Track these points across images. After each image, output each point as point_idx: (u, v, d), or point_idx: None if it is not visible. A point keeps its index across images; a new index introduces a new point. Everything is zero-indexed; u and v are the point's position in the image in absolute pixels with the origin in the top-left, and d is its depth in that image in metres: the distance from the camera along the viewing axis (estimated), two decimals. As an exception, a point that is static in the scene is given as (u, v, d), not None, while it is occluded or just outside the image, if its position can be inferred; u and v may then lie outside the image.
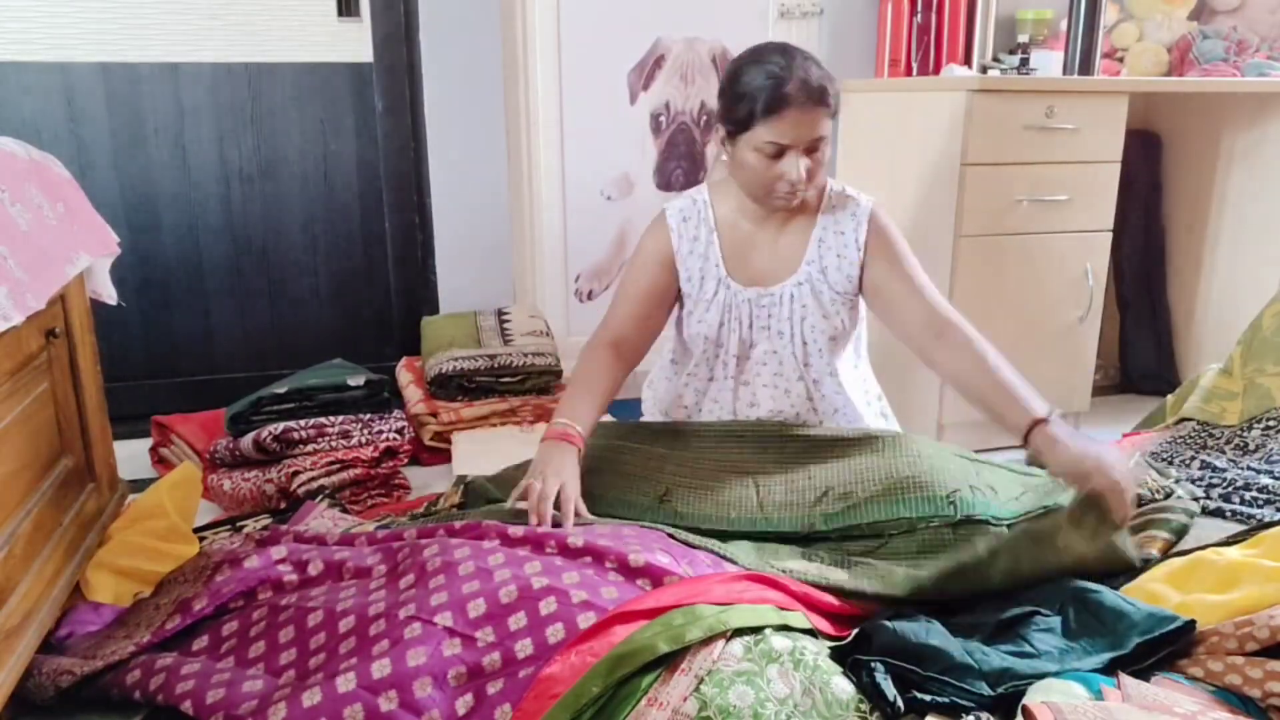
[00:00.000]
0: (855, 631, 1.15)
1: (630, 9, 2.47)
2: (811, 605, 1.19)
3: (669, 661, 1.02)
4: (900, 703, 1.01)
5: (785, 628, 1.11)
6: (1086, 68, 2.32)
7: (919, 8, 2.45)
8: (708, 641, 1.04)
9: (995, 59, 2.52)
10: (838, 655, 1.11)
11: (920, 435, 1.59)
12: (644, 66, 2.51)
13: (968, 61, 2.48)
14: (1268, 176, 2.39)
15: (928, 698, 1.02)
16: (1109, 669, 1.07)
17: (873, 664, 1.06)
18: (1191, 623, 1.12)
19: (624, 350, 1.63)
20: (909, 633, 1.10)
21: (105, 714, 1.11)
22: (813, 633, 1.14)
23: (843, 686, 1.02)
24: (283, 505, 1.76)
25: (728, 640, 1.05)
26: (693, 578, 1.19)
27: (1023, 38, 2.51)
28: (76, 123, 2.19)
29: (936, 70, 2.47)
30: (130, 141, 2.23)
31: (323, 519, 1.62)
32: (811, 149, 1.47)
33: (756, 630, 1.08)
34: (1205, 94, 2.45)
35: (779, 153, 1.47)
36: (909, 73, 2.49)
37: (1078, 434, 1.36)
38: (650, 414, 1.77)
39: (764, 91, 1.44)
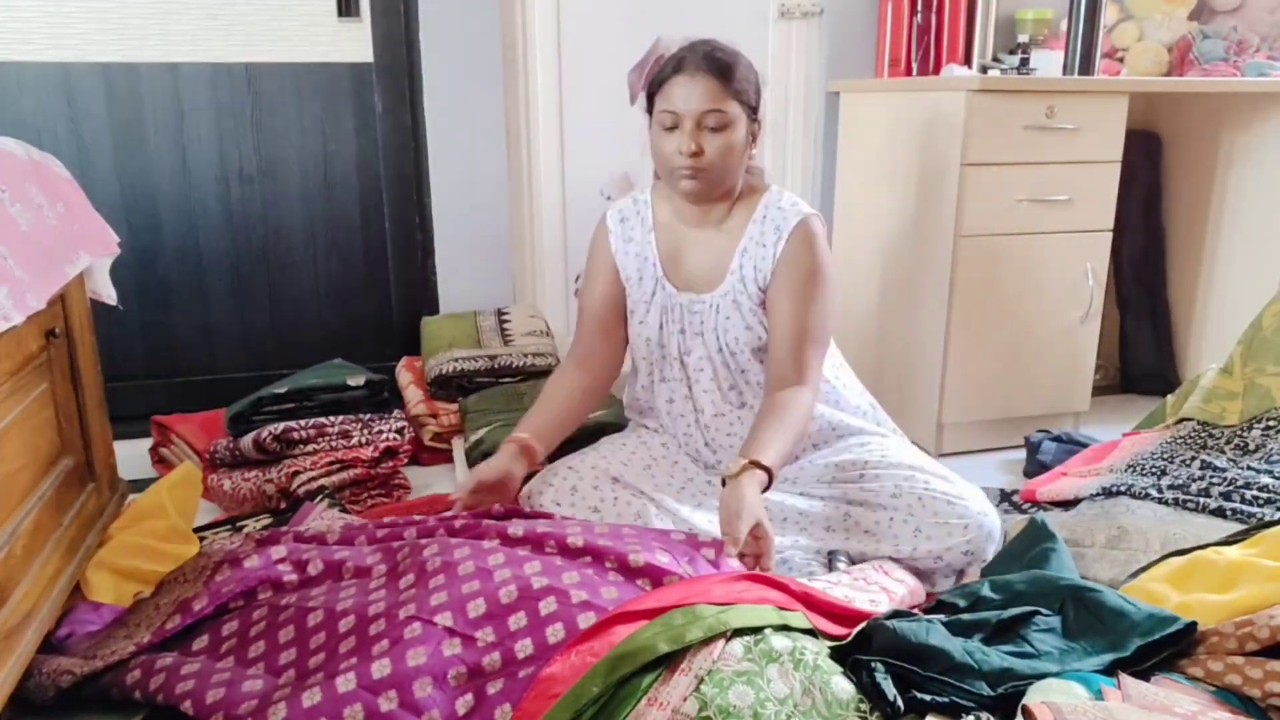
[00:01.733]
0: (855, 631, 1.15)
1: (630, 9, 2.46)
2: (812, 605, 1.19)
3: (669, 661, 1.02)
4: (900, 702, 1.01)
5: (785, 628, 1.11)
6: (1086, 68, 2.32)
7: (919, 8, 2.45)
8: (708, 641, 1.04)
9: (995, 59, 2.52)
10: (837, 655, 1.11)
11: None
12: (644, 66, 2.50)
13: (968, 61, 2.47)
14: (1268, 176, 2.39)
15: (927, 698, 1.02)
16: (1109, 669, 1.07)
17: (873, 664, 1.06)
18: (1193, 624, 1.12)
19: (592, 364, 1.66)
20: (909, 632, 1.10)
21: (105, 714, 1.11)
22: (813, 632, 1.14)
23: (843, 686, 1.02)
24: (283, 505, 1.76)
25: (728, 640, 1.05)
26: (693, 578, 1.19)
27: (1023, 38, 2.51)
28: (76, 123, 2.19)
29: (936, 70, 2.47)
30: (130, 141, 2.23)
31: (322, 519, 1.62)
32: (711, 126, 1.48)
33: (756, 630, 1.08)
34: (1205, 94, 2.45)
35: (674, 124, 1.49)
36: (909, 73, 2.49)
37: (755, 492, 1.32)
38: (629, 412, 1.81)
39: (665, 64, 1.52)
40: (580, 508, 1.51)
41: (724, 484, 1.37)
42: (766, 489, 1.36)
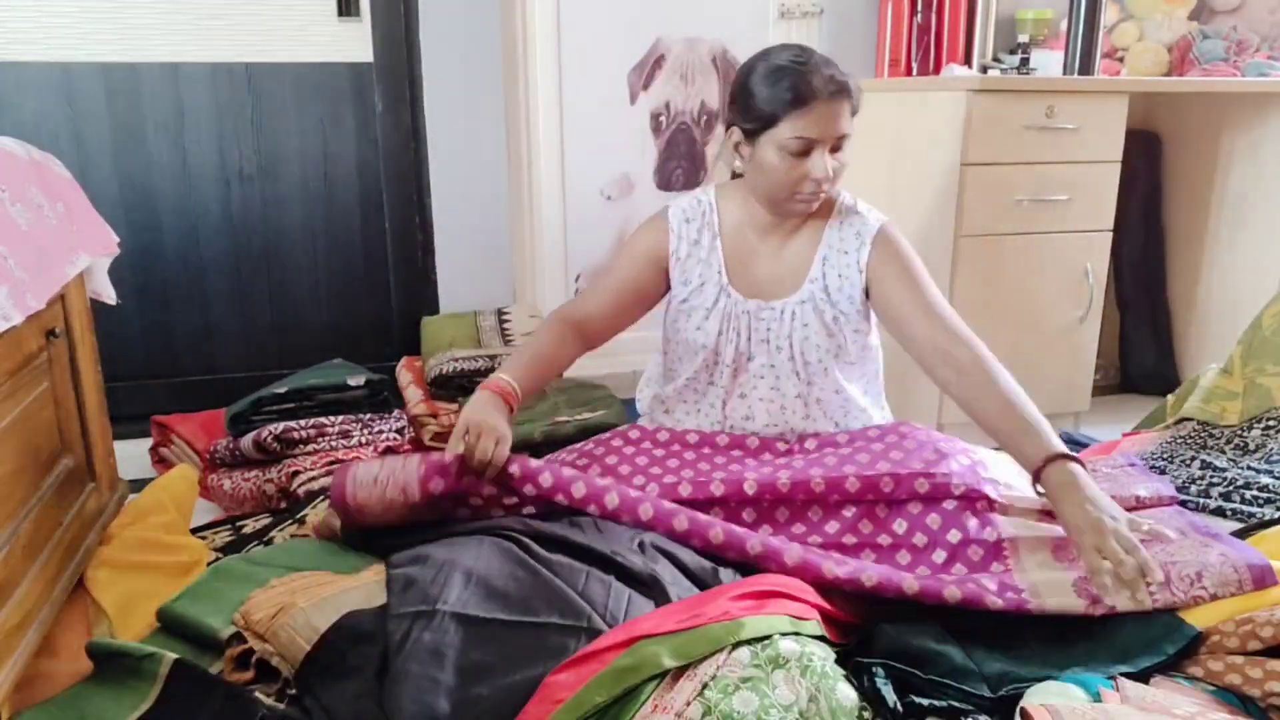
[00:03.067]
0: (858, 635, 1.15)
1: (630, 9, 2.46)
2: (826, 615, 1.19)
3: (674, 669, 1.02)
4: (900, 707, 1.01)
5: (795, 634, 1.10)
6: (1086, 68, 2.32)
7: (919, 8, 2.45)
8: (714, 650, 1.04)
9: (995, 59, 2.52)
10: (840, 658, 1.11)
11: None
12: (644, 66, 2.51)
13: (968, 61, 2.48)
14: (1268, 176, 2.39)
15: (926, 701, 1.02)
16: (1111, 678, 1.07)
17: (874, 668, 1.07)
18: (1199, 635, 1.11)
19: (587, 331, 1.63)
20: (910, 635, 1.10)
21: (119, 694, 1.11)
22: (823, 638, 1.14)
23: (847, 693, 1.02)
24: (283, 505, 1.76)
25: (734, 648, 1.05)
26: (714, 590, 1.20)
27: (1023, 38, 2.51)
28: (76, 123, 2.19)
29: (936, 70, 2.47)
30: (130, 141, 2.23)
31: None
32: (837, 146, 1.44)
33: (765, 636, 1.07)
34: (1205, 94, 2.45)
35: (805, 149, 1.42)
36: (909, 73, 2.49)
37: (1095, 485, 1.22)
38: (645, 413, 1.77)
39: (790, 87, 1.40)
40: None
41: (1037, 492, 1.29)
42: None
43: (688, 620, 1.09)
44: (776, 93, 1.41)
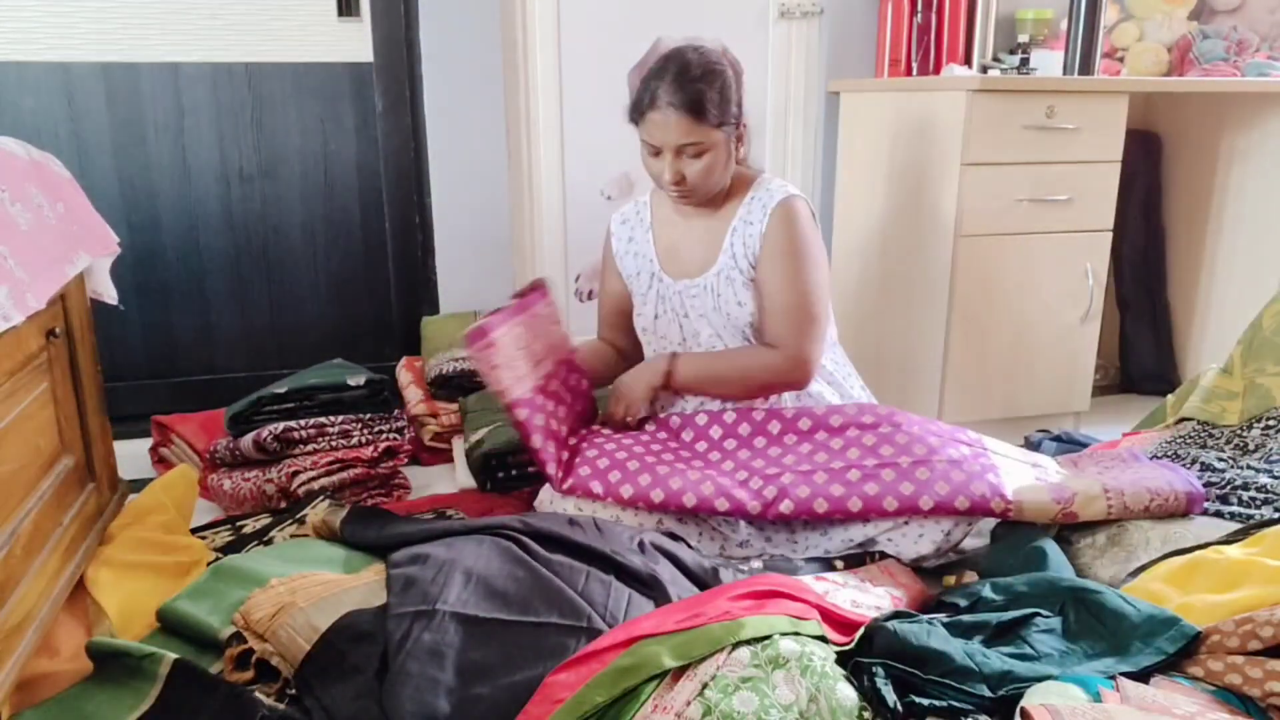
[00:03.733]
0: (859, 634, 1.15)
1: (630, 9, 2.46)
2: (826, 615, 1.19)
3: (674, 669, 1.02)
4: (899, 707, 1.01)
5: (795, 634, 1.10)
6: (1086, 68, 2.32)
7: (919, 8, 2.45)
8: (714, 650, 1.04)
9: (995, 59, 2.52)
10: (841, 658, 1.11)
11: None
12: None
13: (968, 61, 2.47)
14: (1268, 176, 2.39)
15: (926, 702, 1.02)
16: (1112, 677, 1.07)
17: (874, 667, 1.06)
18: (1199, 634, 1.11)
19: (620, 346, 1.84)
20: (910, 635, 1.10)
21: (119, 694, 1.11)
22: (823, 638, 1.14)
23: (847, 693, 1.02)
24: (283, 505, 1.76)
25: (734, 648, 1.05)
26: (714, 590, 1.20)
27: (1023, 37, 2.51)
28: (77, 122, 2.19)
29: (936, 70, 2.47)
30: (130, 141, 2.23)
31: None
32: (689, 153, 1.54)
33: (765, 636, 1.07)
34: (1205, 94, 2.45)
35: (654, 153, 1.57)
36: (909, 73, 2.49)
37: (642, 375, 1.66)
38: None
39: (639, 94, 1.56)
40: (602, 511, 1.52)
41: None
42: (665, 386, 1.65)
43: (688, 620, 1.09)
44: (634, 98, 1.58)
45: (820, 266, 1.63)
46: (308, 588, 1.24)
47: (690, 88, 1.51)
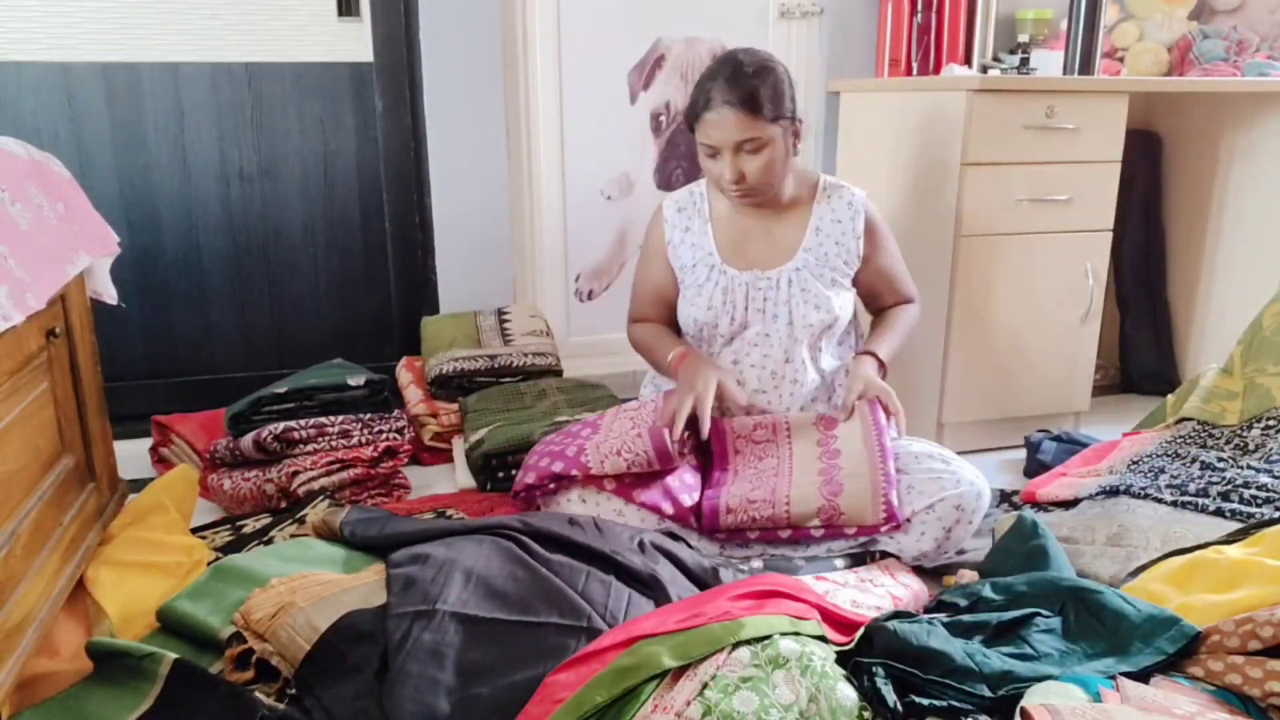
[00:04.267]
0: (859, 634, 1.15)
1: (630, 9, 2.46)
2: (827, 615, 1.19)
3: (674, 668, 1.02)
4: (899, 707, 1.01)
5: (795, 633, 1.10)
6: (1086, 68, 2.32)
7: (919, 8, 2.45)
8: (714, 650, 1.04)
9: (995, 59, 2.52)
10: (841, 658, 1.11)
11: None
12: (644, 66, 2.51)
13: (968, 61, 2.47)
14: (1268, 176, 2.39)
15: (926, 701, 1.02)
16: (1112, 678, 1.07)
17: (874, 667, 1.06)
18: (1199, 634, 1.11)
19: (664, 322, 1.83)
20: (910, 635, 1.10)
21: (119, 693, 1.11)
22: (823, 638, 1.14)
23: (847, 693, 1.02)
24: (283, 505, 1.76)
25: (734, 648, 1.05)
26: (714, 590, 1.20)
27: (1023, 37, 2.51)
28: (76, 122, 2.19)
29: (936, 70, 2.47)
30: (130, 141, 2.23)
31: None
32: (748, 150, 1.56)
33: (765, 636, 1.07)
34: (1205, 94, 2.45)
35: (712, 154, 1.59)
36: (909, 73, 2.49)
37: (869, 369, 1.66)
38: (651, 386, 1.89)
39: (696, 97, 1.58)
40: (605, 509, 1.52)
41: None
42: (881, 372, 1.67)
43: (688, 620, 1.09)
44: (691, 102, 1.60)
45: None
46: (308, 588, 1.24)
47: (744, 84, 1.53)
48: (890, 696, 1.02)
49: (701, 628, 1.07)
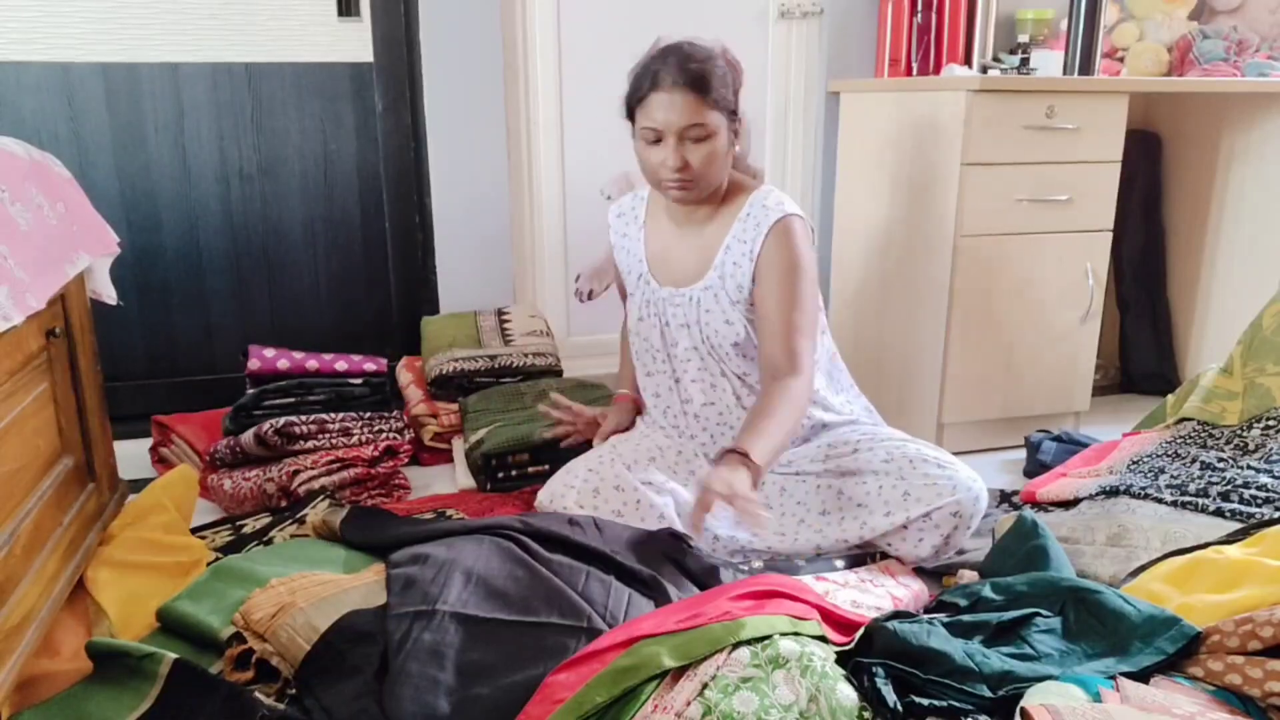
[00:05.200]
0: (859, 634, 1.15)
1: (630, 9, 2.46)
2: (826, 615, 1.19)
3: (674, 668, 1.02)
4: (899, 707, 1.01)
5: (795, 634, 1.10)
6: (1086, 68, 2.32)
7: (919, 8, 2.45)
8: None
9: (995, 59, 2.52)
10: (841, 658, 1.10)
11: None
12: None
13: (968, 61, 2.47)
14: (1268, 176, 2.39)
15: (926, 702, 1.02)
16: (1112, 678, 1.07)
17: (874, 667, 1.06)
18: (1199, 635, 1.11)
19: None
20: (910, 635, 1.10)
21: (119, 694, 1.11)
22: (823, 638, 1.13)
23: (847, 693, 1.02)
24: (283, 504, 1.76)
25: (734, 647, 1.05)
26: (714, 590, 1.20)
27: (1023, 37, 2.51)
28: (76, 123, 2.19)
29: (936, 70, 2.47)
30: (130, 141, 2.23)
31: None
32: (692, 137, 1.49)
33: (764, 636, 1.07)
34: (1205, 94, 2.45)
35: (655, 139, 1.51)
36: (909, 73, 2.49)
37: (733, 473, 1.33)
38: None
39: (639, 79, 1.52)
40: (604, 510, 1.51)
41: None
42: (754, 482, 1.34)
43: (688, 620, 1.09)
44: (632, 85, 1.53)
45: (814, 283, 1.59)
46: (308, 588, 1.24)
47: (695, 66, 1.49)
48: (890, 696, 1.02)
49: (702, 628, 1.07)
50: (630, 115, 1.55)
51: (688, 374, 1.66)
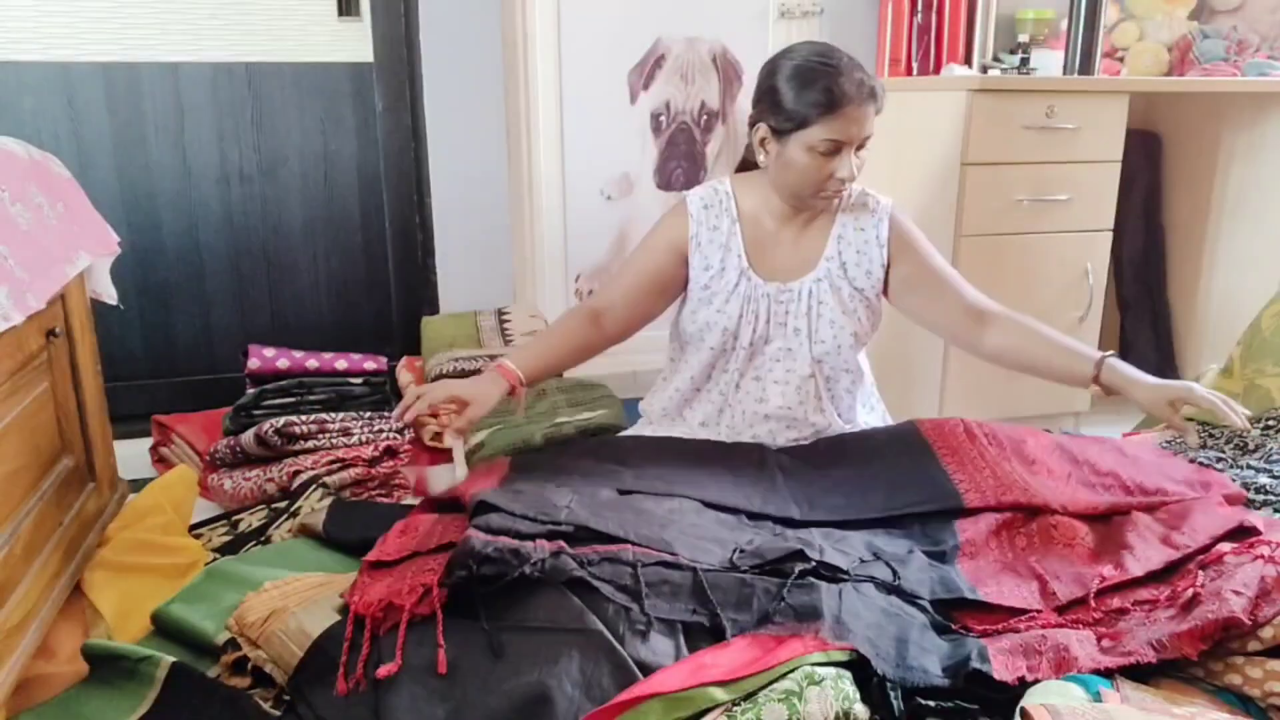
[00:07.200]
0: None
1: (630, 9, 2.46)
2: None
3: None
4: (902, 710, 1.01)
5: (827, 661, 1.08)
6: (1087, 67, 2.32)
7: (919, 8, 2.45)
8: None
9: (995, 59, 2.52)
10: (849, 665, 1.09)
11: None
12: (644, 66, 2.51)
13: (968, 61, 2.47)
14: (1268, 176, 2.39)
15: (932, 703, 1.02)
16: (1107, 671, 1.07)
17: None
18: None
19: (605, 322, 1.61)
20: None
21: (116, 697, 1.11)
22: (844, 663, 1.11)
23: (862, 710, 1.01)
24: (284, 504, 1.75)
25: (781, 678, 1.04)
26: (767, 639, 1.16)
27: (1023, 37, 2.51)
28: (76, 122, 2.19)
29: (936, 70, 2.46)
30: (130, 141, 2.23)
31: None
32: (861, 146, 1.54)
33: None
34: (1205, 94, 2.45)
35: (834, 150, 1.50)
36: (909, 73, 2.49)
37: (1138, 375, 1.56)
38: (646, 416, 1.76)
39: (823, 90, 1.47)
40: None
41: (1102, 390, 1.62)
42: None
43: (740, 669, 1.06)
44: (809, 96, 1.47)
45: None
46: (300, 590, 1.23)
47: (869, 79, 1.51)
48: (896, 705, 1.02)
49: (734, 683, 1.04)
50: (798, 126, 1.48)
51: (772, 373, 1.61)
